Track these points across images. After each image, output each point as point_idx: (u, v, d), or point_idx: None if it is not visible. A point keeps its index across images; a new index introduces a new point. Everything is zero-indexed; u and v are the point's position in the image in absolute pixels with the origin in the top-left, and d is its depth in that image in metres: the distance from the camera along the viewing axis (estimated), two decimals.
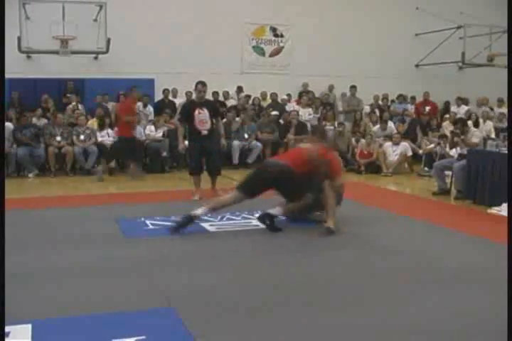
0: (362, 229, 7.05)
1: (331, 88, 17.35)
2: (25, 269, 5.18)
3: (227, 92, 16.46)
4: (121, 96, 14.38)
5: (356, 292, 4.72)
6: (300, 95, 16.82)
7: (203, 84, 9.50)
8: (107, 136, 12.94)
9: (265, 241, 6.56)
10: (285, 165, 6.94)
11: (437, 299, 4.51)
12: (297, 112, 14.85)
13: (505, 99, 17.86)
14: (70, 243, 6.21)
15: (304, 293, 4.69)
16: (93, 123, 13.26)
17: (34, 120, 13.09)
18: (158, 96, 15.92)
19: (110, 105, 14.63)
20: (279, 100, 16.22)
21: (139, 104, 14.90)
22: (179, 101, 15.55)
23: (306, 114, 15.44)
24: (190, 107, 9.57)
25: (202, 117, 9.23)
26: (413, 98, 17.68)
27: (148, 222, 7.40)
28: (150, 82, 15.92)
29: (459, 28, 17.04)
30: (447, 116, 15.17)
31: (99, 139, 12.77)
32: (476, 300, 4.52)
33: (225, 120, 13.41)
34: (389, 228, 7.21)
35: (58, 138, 12.41)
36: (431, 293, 4.66)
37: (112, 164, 12.77)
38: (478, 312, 4.23)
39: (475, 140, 9.76)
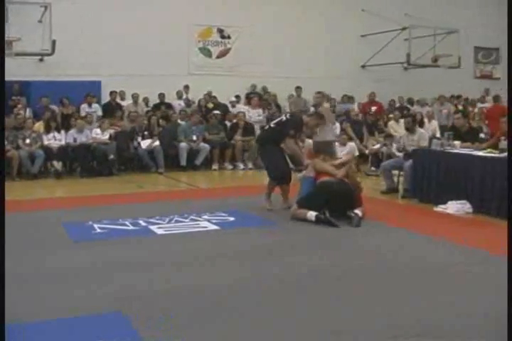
0: (314, 229, 7.09)
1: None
2: None
3: (181, 92, 16.46)
4: (64, 99, 14.26)
5: (302, 293, 4.76)
6: (248, 96, 16.85)
7: None
8: (54, 140, 12.76)
9: (215, 243, 6.55)
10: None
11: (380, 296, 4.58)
12: (244, 113, 14.85)
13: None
14: (16, 249, 6.05)
15: (257, 294, 4.70)
16: (39, 126, 13.05)
17: None
18: (105, 98, 15.76)
19: (55, 108, 14.44)
20: (226, 101, 16.22)
21: (84, 105, 14.78)
22: (126, 103, 15.46)
23: (256, 115, 15.46)
24: None
25: None
26: (351, 98, 17.89)
27: (96, 225, 7.31)
28: (97, 85, 15.77)
29: (404, 29, 17.27)
30: (391, 115, 15.35)
31: (46, 142, 12.58)
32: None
33: None
34: (342, 226, 7.22)
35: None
36: (378, 289, 4.73)
37: (59, 167, 12.60)
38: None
39: (422, 143, 9.87)
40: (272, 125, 8.65)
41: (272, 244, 6.42)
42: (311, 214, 7.33)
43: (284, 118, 8.67)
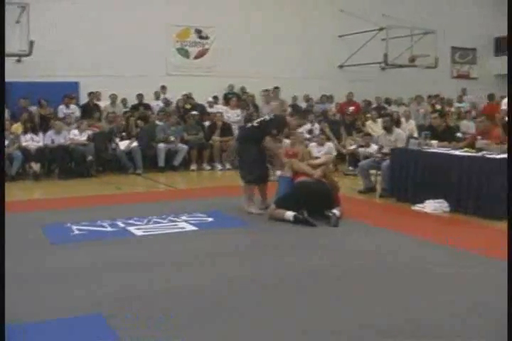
0: (291, 229, 7.12)
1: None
2: None
3: (159, 93, 16.48)
4: (41, 100, 14.19)
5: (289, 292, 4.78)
6: (226, 97, 16.86)
7: None
8: (32, 141, 12.69)
9: (193, 244, 6.54)
10: None
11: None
12: (222, 114, 14.85)
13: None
14: None
15: (239, 296, 4.71)
16: (17, 127, 12.96)
17: None
18: (83, 99, 15.69)
19: (33, 109, 14.36)
20: (204, 102, 16.22)
21: (62, 107, 14.70)
22: (104, 104, 15.41)
23: (235, 115, 15.48)
24: None
25: None
26: (330, 97, 17.98)
27: (74, 227, 7.28)
28: (74, 85, 15.71)
29: (381, 29, 17.37)
30: (369, 115, 15.42)
31: (24, 144, 12.49)
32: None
33: None
34: (319, 226, 7.23)
35: None
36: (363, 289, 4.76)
37: (37, 169, 12.51)
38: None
39: (400, 143, 9.92)
40: (254, 124, 8.61)
41: (251, 245, 6.46)
42: (289, 214, 7.35)
43: (267, 117, 8.68)
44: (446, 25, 18.73)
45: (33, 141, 12.71)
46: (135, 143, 13.22)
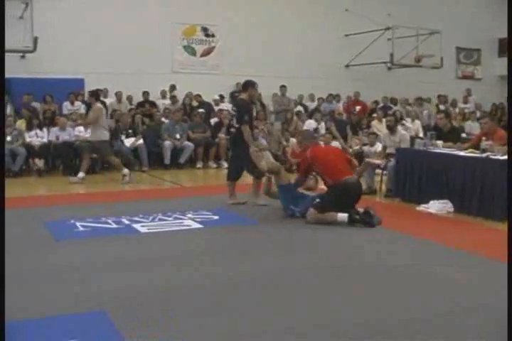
0: (299, 227, 7.12)
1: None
2: None
3: (165, 91, 16.45)
4: (47, 96, 14.22)
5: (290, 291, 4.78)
6: (232, 95, 16.84)
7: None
8: (36, 137, 12.71)
9: (198, 242, 6.53)
10: None
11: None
12: (228, 111, 14.83)
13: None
14: None
15: (256, 293, 4.70)
16: (21, 123, 12.98)
17: None
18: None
19: (37, 105, 14.38)
20: (211, 100, 16.22)
21: (66, 103, 14.73)
22: (109, 101, 15.41)
23: None
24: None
25: None
26: (337, 96, 17.96)
27: (78, 223, 7.28)
28: (79, 82, 15.69)
29: (387, 29, 17.37)
30: (375, 115, 15.41)
31: (28, 140, 12.51)
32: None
33: None
34: (321, 225, 7.24)
35: None
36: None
37: (41, 165, 12.53)
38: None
39: (404, 144, 9.89)
40: (234, 128, 8.61)
41: (257, 243, 6.42)
42: (343, 216, 7.19)
43: (232, 111, 8.87)
44: (451, 26, 18.76)
45: (37, 137, 12.73)
46: (141, 141, 13.23)
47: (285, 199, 7.80)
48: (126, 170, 11.17)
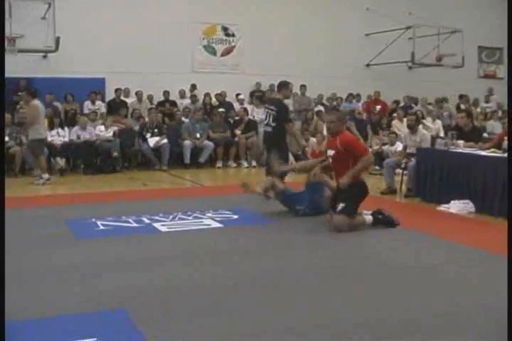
0: (313, 227, 7.09)
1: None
2: None
3: (184, 91, 16.46)
4: (68, 96, 14.30)
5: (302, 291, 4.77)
6: (252, 94, 16.83)
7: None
8: (57, 136, 12.79)
9: (217, 241, 6.53)
10: None
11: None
12: (246, 109, 14.92)
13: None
14: (20, 245, 6.05)
15: (257, 293, 4.70)
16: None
17: None
18: (110, 95, 15.76)
19: (58, 105, 14.46)
20: (231, 99, 16.24)
21: (87, 102, 14.80)
22: (131, 100, 15.47)
23: (260, 113, 15.47)
24: None
25: None
26: (357, 96, 17.92)
27: (99, 222, 7.32)
28: (100, 81, 15.76)
29: (408, 28, 17.28)
30: (395, 114, 15.34)
31: (49, 139, 12.57)
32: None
33: None
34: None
35: (6, 139, 12.13)
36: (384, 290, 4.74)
37: (62, 164, 12.60)
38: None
39: (425, 144, 9.84)
40: (270, 126, 8.71)
41: (276, 243, 6.41)
42: (369, 218, 7.07)
43: (269, 111, 8.96)
44: (473, 25, 18.64)
45: (58, 136, 12.81)
46: (165, 140, 13.27)
47: (305, 199, 7.72)
48: (46, 175, 11.10)
